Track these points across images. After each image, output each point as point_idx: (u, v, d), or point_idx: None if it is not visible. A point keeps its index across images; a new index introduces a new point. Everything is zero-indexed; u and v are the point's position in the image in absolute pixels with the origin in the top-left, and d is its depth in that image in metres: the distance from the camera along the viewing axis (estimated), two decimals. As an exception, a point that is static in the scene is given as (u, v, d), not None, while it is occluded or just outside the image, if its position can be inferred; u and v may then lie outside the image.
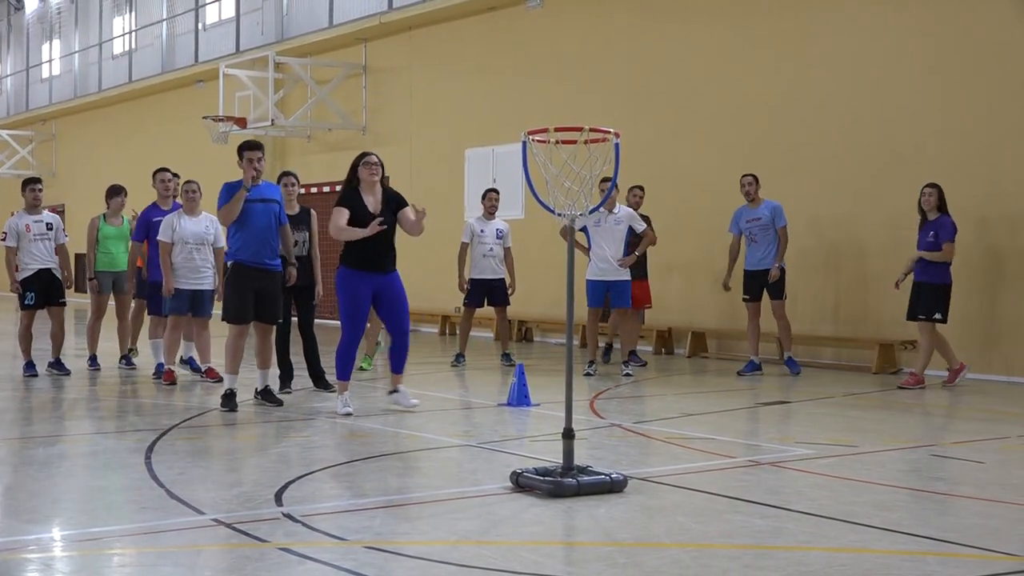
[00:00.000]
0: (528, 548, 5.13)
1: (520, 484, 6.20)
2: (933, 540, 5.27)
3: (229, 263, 9.50)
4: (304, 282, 10.46)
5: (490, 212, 13.16)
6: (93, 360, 12.35)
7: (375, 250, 8.95)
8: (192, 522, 5.55)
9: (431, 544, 5.18)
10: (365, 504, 6.00)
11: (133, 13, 29.68)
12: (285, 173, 10.91)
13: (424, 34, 19.64)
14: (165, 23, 27.78)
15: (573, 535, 5.55)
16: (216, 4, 25.97)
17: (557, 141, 6.48)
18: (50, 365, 11.86)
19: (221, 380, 10.29)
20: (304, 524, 5.48)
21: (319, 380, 10.60)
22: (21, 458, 7.39)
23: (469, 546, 5.16)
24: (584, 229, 12.00)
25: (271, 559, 4.91)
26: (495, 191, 13.36)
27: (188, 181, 11.36)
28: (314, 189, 20.85)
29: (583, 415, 8.99)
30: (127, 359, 12.51)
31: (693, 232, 14.63)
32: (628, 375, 11.98)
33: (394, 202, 9.13)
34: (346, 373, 9.18)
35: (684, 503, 6.09)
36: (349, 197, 9.01)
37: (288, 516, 5.64)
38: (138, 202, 12.17)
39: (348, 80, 21.16)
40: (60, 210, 28.44)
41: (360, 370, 11.45)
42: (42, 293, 11.64)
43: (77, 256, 19.51)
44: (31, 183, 11.89)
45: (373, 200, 9.02)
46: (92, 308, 12.42)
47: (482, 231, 13.11)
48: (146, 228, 11.58)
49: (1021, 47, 11.90)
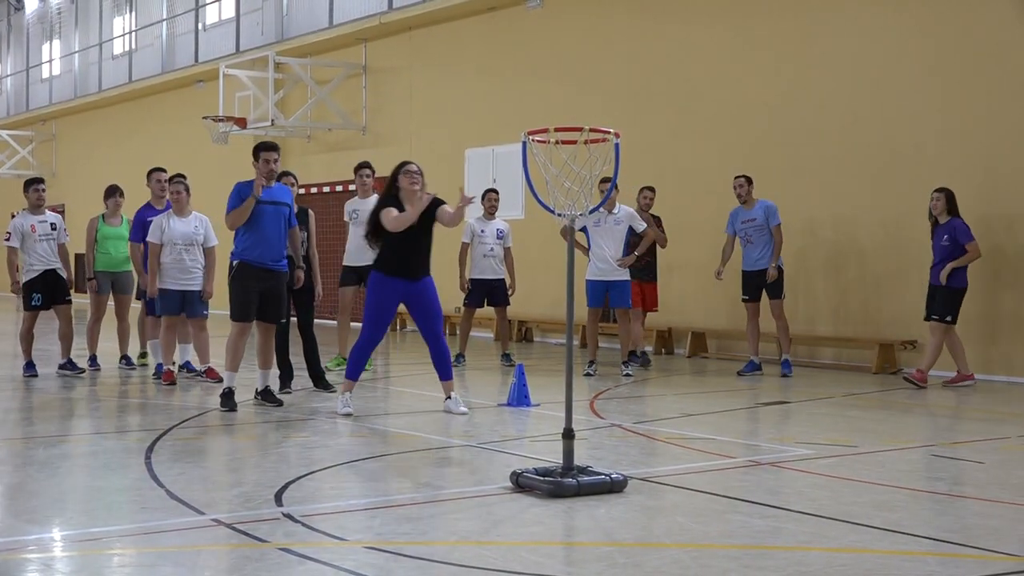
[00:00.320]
0: (528, 548, 5.13)
1: (520, 484, 6.21)
2: (933, 540, 5.27)
3: (235, 262, 9.50)
4: (303, 283, 10.46)
5: (490, 212, 13.19)
6: (93, 360, 12.33)
7: (410, 257, 8.94)
8: (192, 522, 5.55)
9: (431, 544, 5.18)
10: (365, 504, 6.01)
11: (133, 13, 29.70)
12: (284, 173, 10.88)
13: (424, 34, 19.64)
14: (165, 23, 27.79)
15: (573, 535, 5.55)
16: (216, 4, 25.98)
17: (557, 141, 6.48)
18: (61, 367, 11.82)
19: (221, 381, 10.29)
20: (304, 524, 5.48)
21: (319, 380, 10.60)
22: (21, 458, 7.39)
23: (469, 546, 5.16)
24: (584, 229, 12.01)
25: (271, 559, 4.91)
26: (495, 191, 13.40)
27: (174, 180, 11.22)
28: (314, 189, 20.86)
29: (583, 415, 8.99)
30: (127, 359, 12.50)
31: (693, 232, 14.63)
32: (628, 375, 11.98)
33: (430, 207, 8.99)
34: (355, 373, 9.20)
35: (684, 503, 6.09)
36: (390, 203, 8.94)
37: (288, 516, 5.64)
38: (138, 202, 12.14)
39: (348, 80, 21.17)
40: (60, 210, 28.37)
41: (327, 370, 11.33)
42: (48, 293, 11.61)
43: (77, 256, 19.50)
44: (34, 183, 11.86)
45: (412, 208, 9.00)
46: (91, 308, 12.39)
47: (482, 231, 13.14)
48: (142, 228, 11.53)
49: (1021, 47, 11.91)
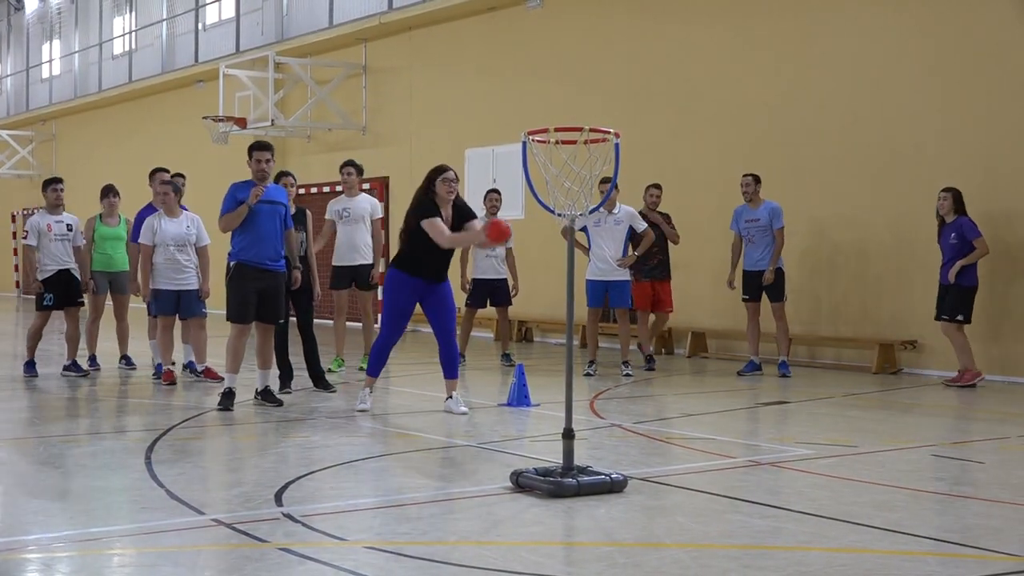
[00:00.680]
0: (528, 548, 5.13)
1: (520, 484, 6.20)
2: (933, 540, 5.27)
3: (232, 263, 9.50)
4: (302, 283, 10.46)
5: (492, 213, 13.14)
6: (93, 360, 12.34)
7: (435, 260, 8.94)
8: (192, 522, 5.55)
9: (431, 544, 5.18)
10: (365, 504, 6.01)
11: (133, 13, 29.68)
12: (283, 173, 10.90)
13: (424, 34, 19.63)
14: (165, 23, 27.78)
15: (573, 535, 5.55)
16: (216, 4, 25.97)
17: (557, 141, 6.48)
18: (66, 367, 11.79)
19: (220, 380, 10.29)
20: (304, 524, 5.48)
21: (319, 380, 10.60)
22: (21, 458, 7.40)
23: (469, 546, 5.16)
24: (584, 229, 12.00)
25: (271, 559, 4.91)
26: (496, 192, 13.35)
27: (165, 182, 11.12)
28: (314, 189, 20.84)
29: (583, 415, 8.99)
30: (127, 359, 12.50)
31: (693, 232, 14.61)
32: (628, 375, 11.98)
33: (460, 218, 9.03)
34: (376, 370, 9.27)
35: (684, 503, 6.09)
36: (431, 209, 8.88)
37: (288, 516, 5.64)
38: (140, 202, 12.12)
39: (348, 80, 21.16)
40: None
41: (329, 371, 11.33)
42: (60, 294, 11.58)
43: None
44: (52, 183, 11.78)
45: (445, 214, 8.97)
46: (90, 309, 12.38)
47: None
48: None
49: (1021, 47, 11.90)
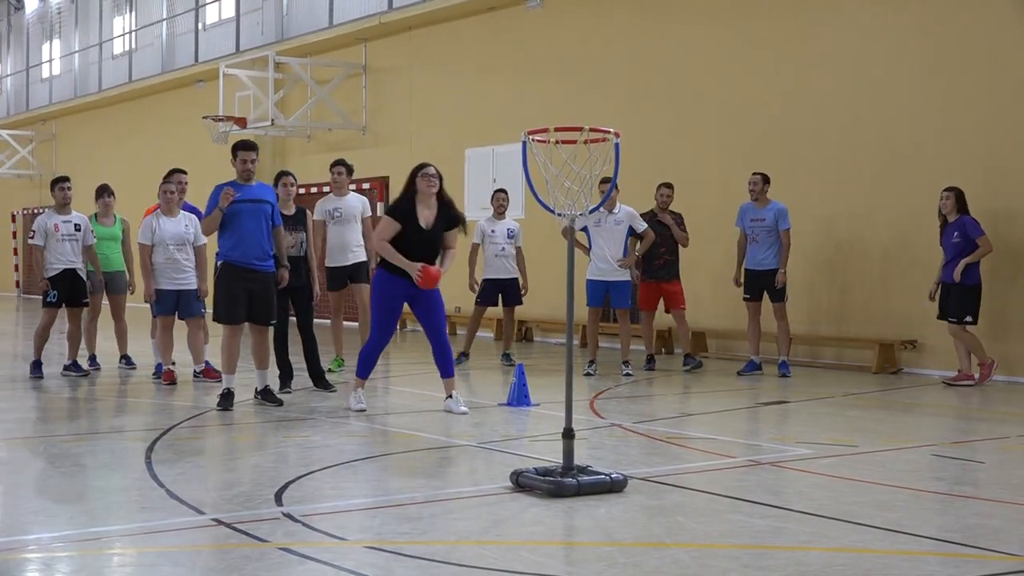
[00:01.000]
0: (528, 548, 5.12)
1: (520, 484, 6.20)
2: (934, 540, 5.27)
3: (219, 263, 9.48)
4: (301, 282, 10.47)
5: (499, 212, 13.10)
6: (93, 360, 12.34)
7: (419, 259, 8.85)
8: (192, 522, 5.55)
9: (431, 544, 5.18)
10: (365, 504, 6.00)
11: (133, 13, 29.69)
12: (283, 173, 10.89)
13: (424, 34, 19.63)
14: (165, 23, 27.78)
15: (573, 535, 5.55)
16: (216, 4, 25.97)
17: (557, 141, 6.48)
18: (66, 367, 11.78)
19: (219, 380, 10.29)
20: (304, 524, 5.48)
21: (319, 380, 10.60)
22: (21, 458, 7.40)
23: (469, 546, 5.16)
24: (585, 229, 12.00)
25: (271, 559, 4.90)
26: (503, 191, 13.30)
27: (167, 181, 11.11)
28: (314, 189, 20.82)
29: (583, 415, 8.98)
30: (127, 359, 12.49)
31: (693, 232, 14.53)
32: (628, 375, 11.97)
33: (446, 220, 8.97)
34: (364, 373, 9.23)
35: (684, 503, 6.09)
36: (404, 209, 8.87)
37: (288, 516, 5.63)
38: (139, 202, 12.10)
39: (348, 80, 21.16)
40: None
41: (329, 371, 11.32)
42: (65, 292, 11.55)
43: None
44: (59, 182, 11.76)
45: (428, 214, 8.89)
46: (88, 308, 12.36)
47: (493, 231, 13.02)
48: None
49: (1021, 47, 11.90)
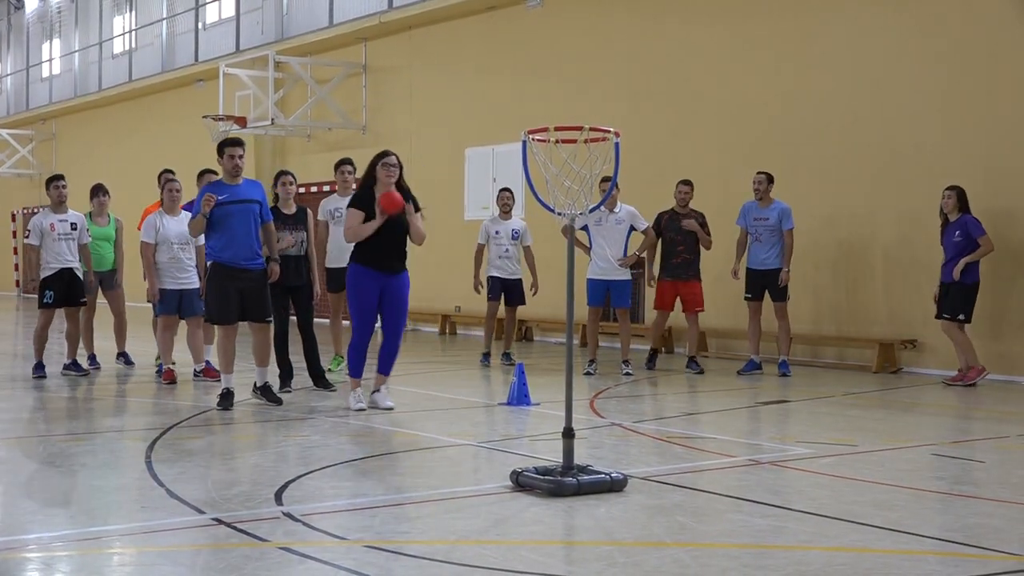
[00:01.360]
0: (528, 547, 5.12)
1: (520, 483, 6.20)
2: (934, 539, 5.27)
3: (209, 263, 9.47)
4: (302, 281, 10.47)
5: (504, 212, 13.03)
6: (93, 359, 12.34)
7: (385, 249, 8.93)
8: (192, 521, 5.55)
9: (431, 544, 5.18)
10: (365, 503, 6.00)
11: (133, 12, 29.69)
12: (282, 172, 10.88)
13: (424, 33, 19.63)
14: (165, 22, 27.78)
15: (573, 534, 5.55)
16: (216, 3, 25.96)
17: (557, 140, 6.48)
18: (66, 367, 11.77)
19: (219, 379, 10.28)
20: (304, 523, 5.47)
21: (319, 379, 10.59)
22: (21, 457, 7.39)
23: (469, 546, 5.16)
24: (586, 228, 11.99)
25: (271, 558, 4.90)
26: (508, 190, 13.18)
27: (172, 180, 11.17)
28: (314, 188, 20.84)
29: (583, 414, 8.98)
30: (124, 355, 12.49)
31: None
32: (628, 375, 11.97)
33: (406, 207, 9.02)
34: (357, 371, 9.22)
35: (684, 502, 6.09)
36: (363, 199, 8.94)
37: (288, 515, 5.63)
38: (139, 201, 12.09)
39: (348, 79, 21.16)
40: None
41: (328, 371, 11.30)
42: (62, 292, 11.53)
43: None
44: (54, 180, 11.70)
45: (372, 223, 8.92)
46: (85, 308, 12.34)
47: (497, 232, 12.93)
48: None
49: (1021, 47, 11.90)
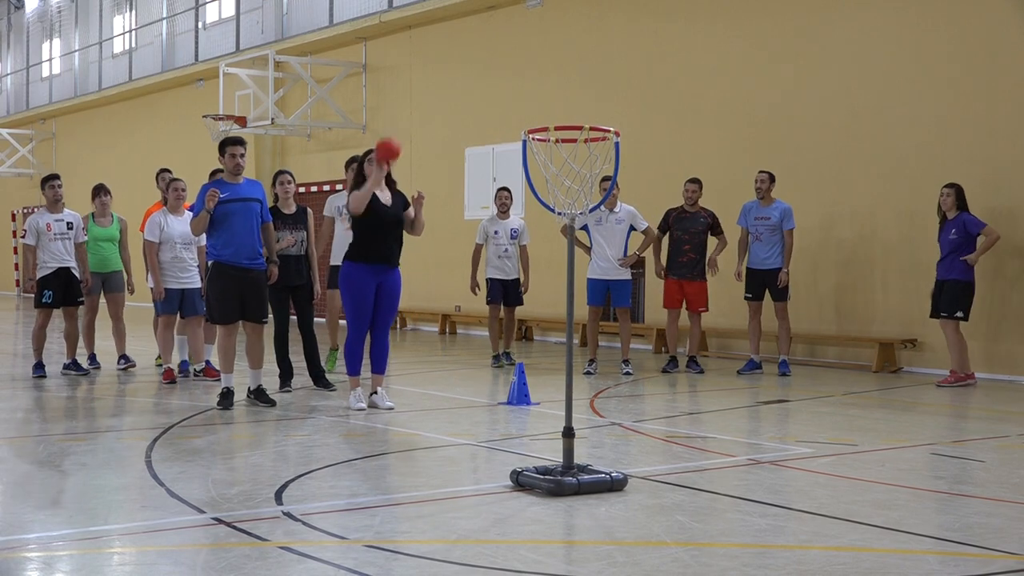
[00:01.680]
0: (528, 547, 5.12)
1: (520, 483, 6.20)
2: (934, 539, 5.27)
3: (210, 263, 9.48)
4: (302, 281, 10.47)
5: (503, 211, 12.99)
6: (92, 359, 12.34)
7: (382, 243, 8.98)
8: (192, 521, 5.55)
9: (431, 543, 5.18)
10: (365, 503, 6.00)
11: (133, 12, 29.68)
12: (281, 172, 10.86)
13: (424, 33, 19.63)
14: (165, 22, 27.77)
15: (573, 534, 5.55)
16: (216, 3, 25.96)
17: (557, 140, 6.48)
18: (66, 367, 11.76)
19: (219, 378, 10.29)
20: (304, 523, 5.48)
21: (319, 379, 10.60)
22: (21, 457, 7.40)
23: (469, 545, 5.16)
24: (586, 228, 11.99)
25: (271, 558, 4.90)
26: (506, 189, 13.11)
27: (176, 179, 11.22)
28: (314, 188, 20.84)
29: (583, 414, 8.98)
30: (125, 358, 12.48)
31: (693, 231, 14.61)
32: (628, 374, 11.97)
33: (401, 199, 9.21)
34: (355, 369, 9.22)
35: (684, 502, 6.09)
36: (360, 184, 9.02)
37: (288, 515, 5.63)
38: (140, 201, 12.09)
39: (348, 79, 21.16)
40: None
41: (328, 371, 11.28)
42: (60, 292, 11.52)
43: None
44: (50, 180, 11.68)
45: (384, 195, 9.07)
46: (86, 308, 12.36)
47: (496, 232, 12.87)
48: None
49: (1021, 47, 11.90)
